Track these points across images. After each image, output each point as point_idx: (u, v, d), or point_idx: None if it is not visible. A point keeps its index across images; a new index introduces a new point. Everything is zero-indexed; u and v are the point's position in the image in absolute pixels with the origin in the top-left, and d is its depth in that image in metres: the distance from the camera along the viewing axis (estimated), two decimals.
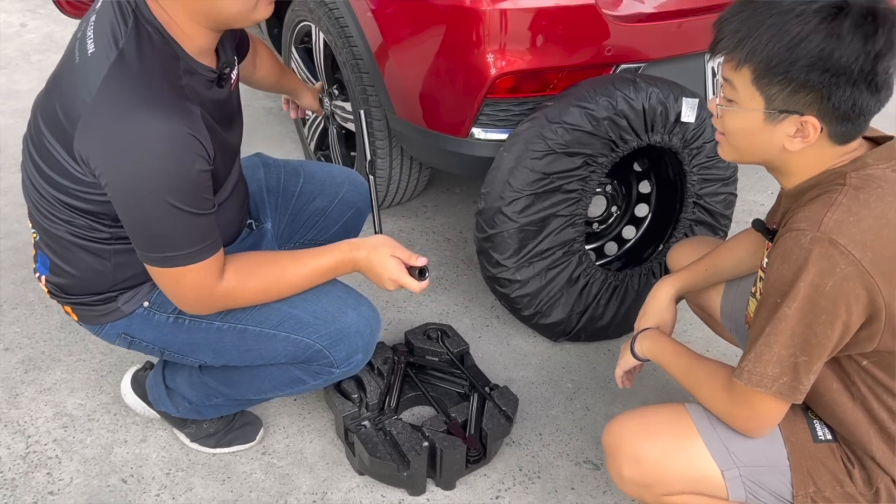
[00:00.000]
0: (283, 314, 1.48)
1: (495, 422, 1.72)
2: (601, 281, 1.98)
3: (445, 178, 2.92)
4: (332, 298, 1.51)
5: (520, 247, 1.87)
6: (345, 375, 1.58)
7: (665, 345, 1.47)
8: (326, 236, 1.84)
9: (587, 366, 2.08)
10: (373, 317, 1.55)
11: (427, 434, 1.68)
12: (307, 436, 1.85)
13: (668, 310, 1.59)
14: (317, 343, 1.49)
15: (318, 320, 1.48)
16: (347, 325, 1.50)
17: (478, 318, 2.24)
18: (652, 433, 1.34)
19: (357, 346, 1.52)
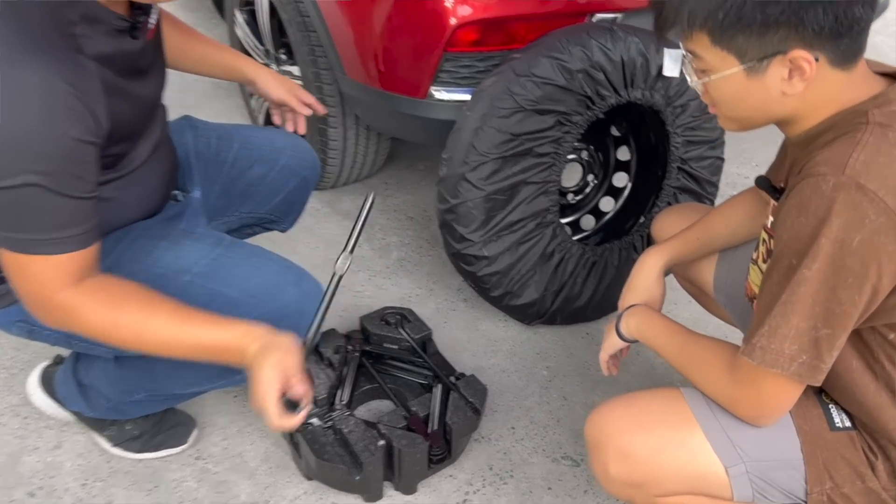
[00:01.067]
0: (210, 293, 1.26)
1: (461, 415, 1.52)
2: (578, 256, 1.79)
3: (408, 152, 2.70)
4: (269, 273, 1.30)
5: (487, 218, 1.66)
6: None
7: (655, 322, 1.28)
8: (266, 209, 1.62)
9: (564, 351, 1.88)
10: (317, 294, 1.34)
11: (383, 431, 1.47)
12: (248, 437, 1.62)
13: (656, 284, 1.40)
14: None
15: (253, 299, 1.26)
16: (287, 305, 1.29)
17: (443, 301, 2.03)
18: (643, 424, 1.14)
19: (299, 328, 1.31)
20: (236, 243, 1.34)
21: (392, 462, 1.48)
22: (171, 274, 1.25)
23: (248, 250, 1.34)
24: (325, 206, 2.38)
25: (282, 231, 1.72)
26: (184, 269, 1.26)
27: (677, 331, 1.23)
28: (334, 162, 2.25)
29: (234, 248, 1.32)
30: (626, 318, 1.33)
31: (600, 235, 1.98)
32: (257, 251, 1.34)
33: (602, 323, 1.97)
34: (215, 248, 1.31)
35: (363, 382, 1.68)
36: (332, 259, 1.36)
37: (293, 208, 1.68)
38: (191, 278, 1.26)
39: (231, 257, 1.30)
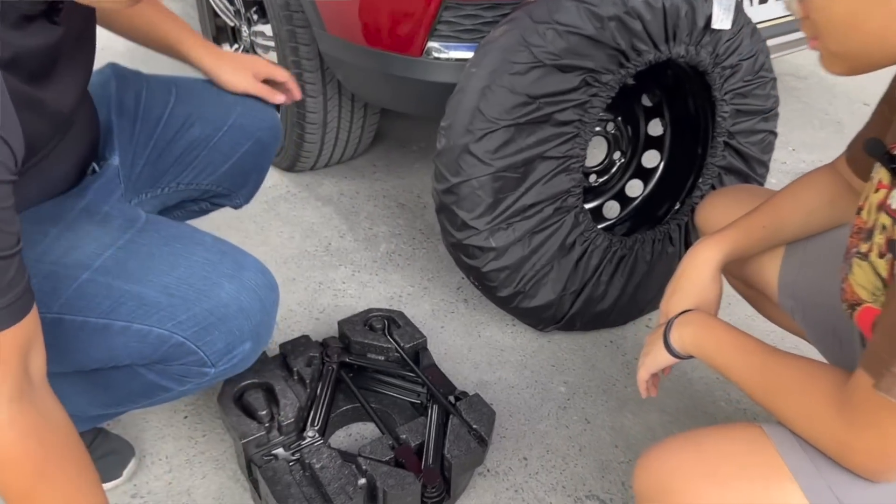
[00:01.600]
0: (117, 294, 0.95)
1: (463, 446, 1.21)
2: (603, 249, 1.48)
3: (400, 130, 2.39)
4: (196, 263, 0.99)
5: (494, 201, 1.35)
6: (227, 375, 1.06)
7: (721, 334, 0.98)
8: (212, 179, 1.29)
9: (584, 363, 1.58)
10: (263, 284, 1.03)
11: (364, 467, 1.16)
12: (198, 468, 1.31)
13: (711, 284, 1.10)
14: (175, 334, 0.97)
15: (175, 299, 0.96)
16: (223, 303, 0.99)
17: (440, 302, 1.72)
18: (718, 476, 0.84)
19: (241, 331, 1.01)
20: (153, 224, 1.03)
21: (375, 503, 1.17)
22: (63, 271, 0.94)
23: (169, 233, 1.03)
24: (302, 191, 2.07)
25: (235, 207, 1.40)
26: (79, 264, 0.95)
27: (755, 347, 0.93)
28: (313, 139, 1.94)
29: (150, 232, 1.01)
30: (679, 327, 1.03)
31: (627, 225, 1.67)
32: (181, 233, 1.04)
33: (629, 330, 1.67)
34: (124, 232, 1.00)
35: (341, 402, 1.37)
36: (308, 252, 1.06)
37: (247, 179, 1.36)
38: (90, 276, 0.94)
39: (144, 244, 0.99)
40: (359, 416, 1.40)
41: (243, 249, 1.06)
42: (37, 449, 0.80)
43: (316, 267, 1.80)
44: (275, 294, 1.06)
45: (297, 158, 2.02)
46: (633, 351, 1.61)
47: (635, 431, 1.43)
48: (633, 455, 1.38)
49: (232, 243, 1.06)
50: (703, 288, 1.10)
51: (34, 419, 0.80)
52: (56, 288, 0.92)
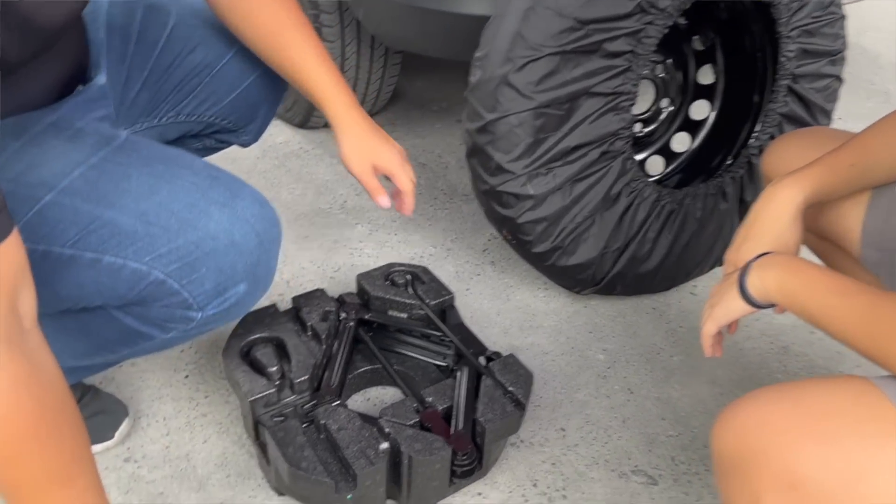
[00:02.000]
0: (88, 219, 0.81)
1: (497, 410, 1.07)
2: (651, 202, 1.34)
3: (419, 91, 2.25)
4: (181, 188, 0.85)
5: (535, 142, 1.21)
6: (219, 322, 0.92)
7: (813, 274, 0.84)
8: (215, 111, 1.14)
9: (625, 330, 1.43)
10: (261, 216, 0.88)
11: (387, 430, 1.02)
12: (199, 431, 1.18)
13: (791, 227, 0.96)
14: (154, 269, 0.83)
15: (154, 228, 0.82)
16: (211, 235, 0.84)
17: (464, 264, 1.59)
18: (825, 432, 0.70)
19: (234, 270, 0.86)
20: (134, 144, 0.89)
21: (399, 474, 1.03)
22: (23, 191, 0.80)
23: (152, 153, 0.88)
24: (315, 148, 1.93)
25: (243, 146, 1.26)
26: (42, 183, 0.81)
27: (857, 288, 0.79)
28: None
29: (128, 152, 0.86)
30: (759, 270, 0.88)
31: (675, 180, 1.53)
32: (166, 154, 0.89)
33: (672, 297, 1.52)
34: (97, 150, 0.85)
35: (359, 363, 1.23)
36: (322, 209, 0.92)
37: (255, 112, 1.21)
38: (54, 197, 0.80)
39: (121, 164, 0.84)
40: (378, 380, 1.26)
41: (240, 178, 0.91)
42: (30, 404, 0.66)
43: (331, 225, 1.66)
44: (275, 229, 0.91)
45: (311, 113, 1.89)
46: (677, 319, 1.47)
47: (684, 403, 1.29)
48: (682, 428, 1.24)
49: (227, 171, 0.91)
50: (781, 233, 0.96)
51: (27, 369, 0.66)
52: (14, 210, 0.77)
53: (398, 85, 2.04)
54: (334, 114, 1.10)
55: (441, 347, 1.24)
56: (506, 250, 1.62)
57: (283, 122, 2.00)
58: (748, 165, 1.40)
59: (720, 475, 0.77)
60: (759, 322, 1.47)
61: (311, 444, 1.00)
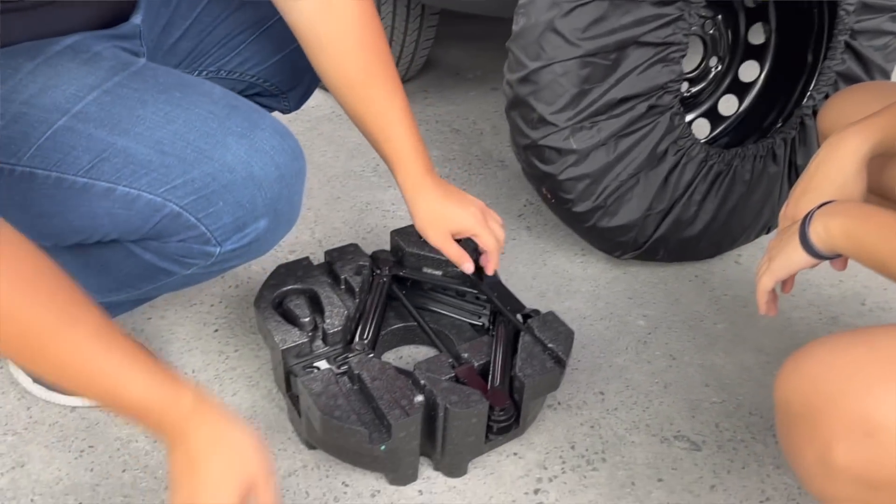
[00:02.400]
0: (102, 146, 0.78)
1: (537, 365, 1.03)
2: (698, 163, 1.28)
3: (453, 59, 2.21)
4: (198, 116, 0.81)
5: (580, 93, 1.16)
6: (240, 259, 0.89)
7: (884, 219, 0.78)
8: (259, 71, 1.12)
9: (666, 297, 1.38)
10: (281, 149, 0.84)
11: (423, 382, 0.99)
12: (228, 385, 1.15)
13: (855, 180, 0.91)
14: (169, 201, 0.80)
15: (169, 158, 0.79)
16: (228, 167, 0.81)
17: None
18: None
19: (253, 204, 0.83)
20: (152, 69, 0.85)
21: (434, 428, 1.00)
22: (36, 113, 0.77)
23: (169, 80, 0.84)
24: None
25: (284, 112, 1.22)
26: (56, 107, 0.78)
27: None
28: None
29: (145, 77, 0.83)
30: (823, 218, 0.83)
31: (721, 143, 1.47)
32: (185, 81, 0.86)
33: (716, 265, 1.47)
34: (113, 74, 0.82)
35: (392, 320, 1.20)
36: (355, 172, 0.90)
37: (300, 77, 1.18)
38: (67, 122, 0.77)
39: (136, 89, 0.81)
40: (411, 338, 1.23)
41: (261, 108, 0.88)
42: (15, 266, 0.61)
43: (363, 187, 1.63)
44: (297, 163, 0.87)
45: None
46: (721, 287, 1.41)
47: (728, 371, 1.24)
48: (726, 395, 1.19)
49: (247, 100, 0.88)
50: (844, 184, 0.91)
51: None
52: (27, 134, 0.75)
53: (432, 54, 2.00)
54: (406, 179, 1.04)
55: (477, 306, 1.20)
56: (542, 215, 1.58)
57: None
58: (800, 126, 1.34)
59: (784, 426, 0.72)
60: (806, 292, 1.41)
61: (343, 395, 0.97)
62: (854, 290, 1.42)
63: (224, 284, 1.33)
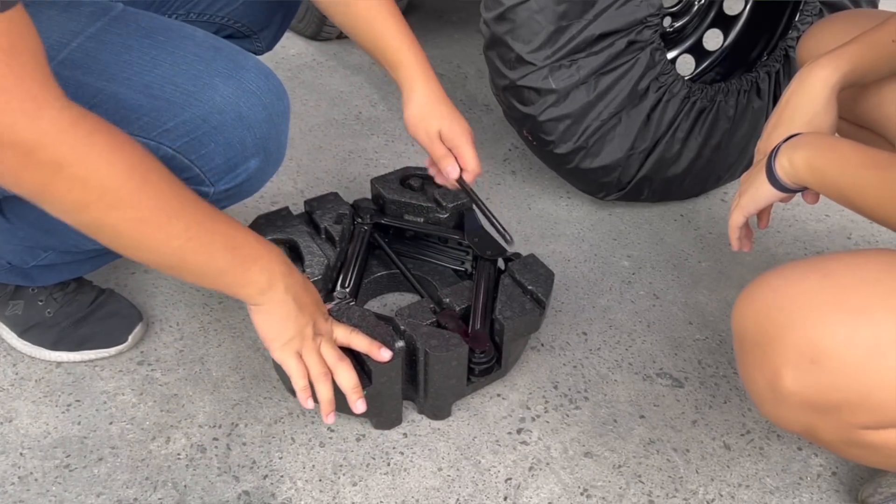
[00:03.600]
0: (92, 93, 0.77)
1: (517, 307, 1.03)
2: (681, 99, 1.26)
3: (438, 1, 2.16)
4: (183, 59, 0.81)
5: (557, 30, 1.14)
6: (233, 199, 0.89)
7: (846, 150, 0.78)
8: (228, 12, 1.08)
9: (651, 237, 1.38)
10: (267, 89, 0.84)
11: (403, 328, 0.99)
12: (213, 336, 1.16)
13: (825, 111, 0.90)
14: (163, 145, 0.80)
15: (159, 101, 0.78)
16: (218, 108, 0.81)
17: (485, 174, 1.52)
18: (854, 304, 0.66)
19: (243, 144, 0.83)
20: (132, 14, 0.84)
21: (415, 372, 1.00)
22: None
23: (151, 24, 0.83)
24: (329, 59, 1.86)
25: (257, 54, 1.20)
26: None
27: (892, 160, 0.73)
28: None
29: (127, 22, 0.82)
30: (788, 151, 0.83)
31: (708, 78, 1.45)
32: (166, 24, 0.85)
33: (701, 203, 1.46)
34: (94, 20, 0.81)
35: (375, 268, 1.20)
36: (337, 120, 0.89)
37: (270, 17, 1.15)
38: (53, 68, 0.76)
39: (119, 34, 0.80)
40: (394, 286, 1.23)
41: (242, 49, 0.86)
42: (123, 148, 0.67)
43: (345, 136, 1.61)
44: (283, 103, 0.87)
45: (324, 23, 1.82)
46: (706, 225, 1.41)
47: (712, 308, 1.24)
48: (709, 332, 1.20)
49: (228, 42, 0.87)
50: (814, 116, 0.90)
51: (99, 120, 0.66)
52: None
53: None
54: (406, 75, 1.05)
55: (459, 252, 1.20)
56: (527, 160, 1.56)
57: (296, 33, 1.93)
58: (784, 59, 1.32)
59: (739, 353, 0.73)
60: (791, 228, 1.40)
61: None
62: (840, 225, 1.42)
63: None
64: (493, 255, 1.13)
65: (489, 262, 1.12)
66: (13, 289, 1.08)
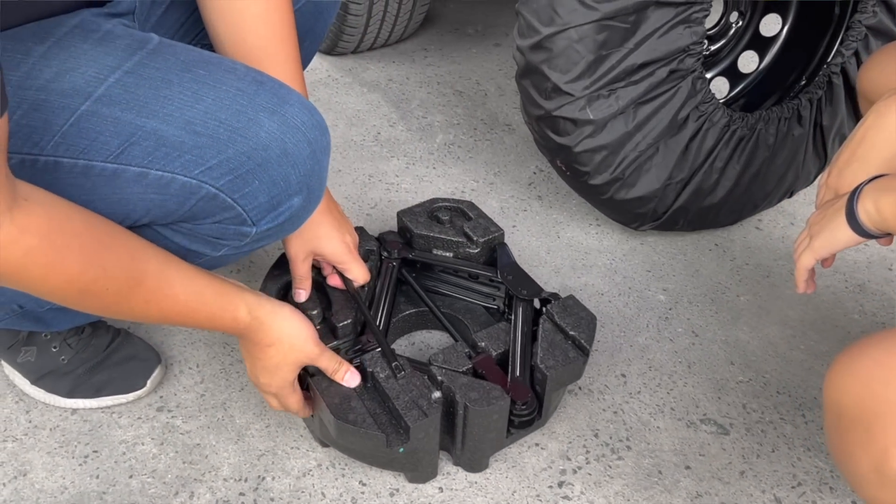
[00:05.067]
0: (131, 130, 0.72)
1: (559, 355, 0.98)
2: (721, 128, 1.21)
3: (453, 13, 2.11)
4: (226, 94, 0.76)
5: (596, 59, 1.08)
6: (272, 237, 0.85)
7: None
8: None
9: (686, 268, 1.33)
10: (311, 124, 0.80)
11: (440, 378, 0.94)
12: (235, 379, 1.10)
13: None
14: (205, 183, 0.75)
15: (202, 138, 0.73)
16: (262, 144, 0.76)
17: (509, 199, 1.48)
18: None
19: (287, 182, 0.79)
20: (170, 47, 0.79)
21: (453, 425, 0.95)
22: (56, 100, 0.71)
23: (190, 57, 0.78)
24: (345, 76, 1.81)
25: None
26: (76, 91, 0.72)
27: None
28: (357, 13, 1.66)
29: (165, 55, 0.77)
30: (874, 193, 0.77)
31: (741, 102, 1.40)
32: (205, 58, 0.79)
33: (735, 232, 1.41)
34: (132, 54, 0.75)
35: (403, 306, 1.15)
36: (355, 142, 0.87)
37: (300, 45, 1.10)
38: (91, 106, 0.71)
39: (159, 69, 0.75)
40: (423, 323, 1.17)
41: (284, 83, 0.81)
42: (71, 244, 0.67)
43: (364, 158, 1.55)
44: (325, 138, 0.82)
45: (339, 38, 1.76)
46: (742, 256, 1.36)
47: (753, 347, 1.19)
48: (752, 374, 1.15)
49: (270, 75, 0.81)
50: (893, 155, 0.84)
51: (49, 214, 0.66)
52: (48, 121, 0.69)
53: (430, 9, 1.90)
54: None
55: (491, 289, 1.15)
56: (553, 183, 1.51)
57: None
58: (828, 85, 1.27)
59: (835, 429, 0.68)
60: None
61: (357, 395, 0.92)
62: (880, 255, 1.37)
63: (225, 271, 1.27)
64: (529, 294, 1.08)
65: (525, 303, 1.07)
66: (26, 335, 1.03)
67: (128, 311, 0.75)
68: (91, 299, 0.71)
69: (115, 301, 0.72)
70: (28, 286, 0.67)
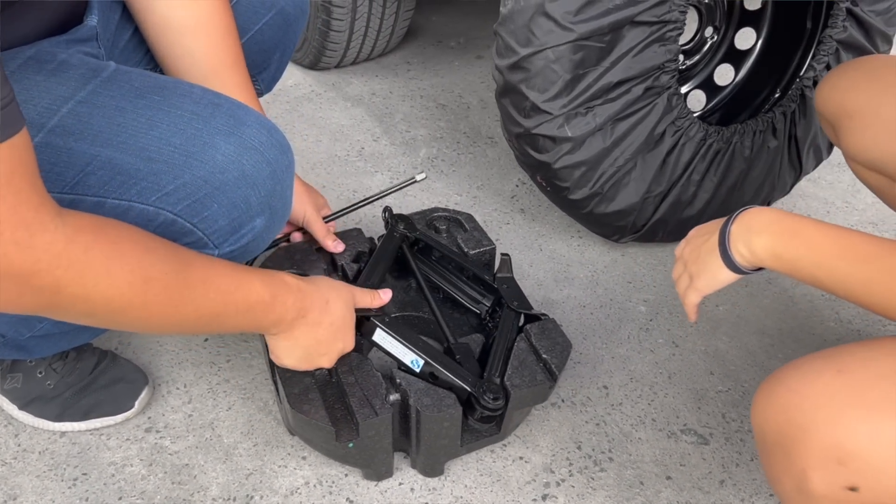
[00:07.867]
0: (85, 160, 0.74)
1: (527, 376, 0.97)
2: (697, 142, 1.23)
3: (435, 26, 2.12)
4: (181, 118, 0.77)
5: (573, 78, 1.11)
6: (240, 260, 0.87)
7: (812, 237, 0.74)
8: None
9: (665, 279, 1.35)
10: (270, 143, 0.81)
11: (399, 381, 0.95)
12: (223, 398, 1.12)
13: None
14: (162, 210, 0.76)
15: (157, 164, 0.75)
16: (219, 168, 0.77)
17: (492, 212, 1.50)
18: (875, 403, 0.64)
19: (248, 204, 0.80)
20: (125, 74, 0.80)
21: (409, 427, 0.97)
22: None
23: (145, 83, 0.80)
24: (328, 91, 1.82)
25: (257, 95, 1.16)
26: (29, 123, 0.72)
27: (871, 248, 0.70)
28: (340, 28, 1.68)
29: (119, 83, 0.78)
30: (744, 235, 0.77)
31: (717, 115, 1.42)
32: (161, 83, 0.81)
33: None
34: (85, 83, 0.77)
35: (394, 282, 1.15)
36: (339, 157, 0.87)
37: (268, 59, 1.11)
38: (44, 138, 0.73)
39: (112, 97, 0.76)
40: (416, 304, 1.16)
41: (242, 103, 0.82)
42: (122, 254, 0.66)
43: (349, 173, 1.57)
44: (286, 157, 0.83)
45: (322, 53, 1.77)
46: None
47: (733, 356, 1.22)
48: (732, 383, 1.17)
49: (228, 96, 0.83)
50: None
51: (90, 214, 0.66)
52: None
53: (412, 22, 1.91)
54: None
55: (480, 293, 1.14)
56: (535, 196, 1.53)
57: (293, 63, 1.88)
58: (801, 98, 1.29)
59: (764, 453, 0.71)
60: None
61: (319, 387, 0.94)
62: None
63: None
64: (520, 307, 1.10)
65: (514, 314, 1.08)
66: (10, 362, 1.03)
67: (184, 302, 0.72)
68: (153, 288, 0.68)
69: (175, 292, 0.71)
70: (91, 283, 0.64)
